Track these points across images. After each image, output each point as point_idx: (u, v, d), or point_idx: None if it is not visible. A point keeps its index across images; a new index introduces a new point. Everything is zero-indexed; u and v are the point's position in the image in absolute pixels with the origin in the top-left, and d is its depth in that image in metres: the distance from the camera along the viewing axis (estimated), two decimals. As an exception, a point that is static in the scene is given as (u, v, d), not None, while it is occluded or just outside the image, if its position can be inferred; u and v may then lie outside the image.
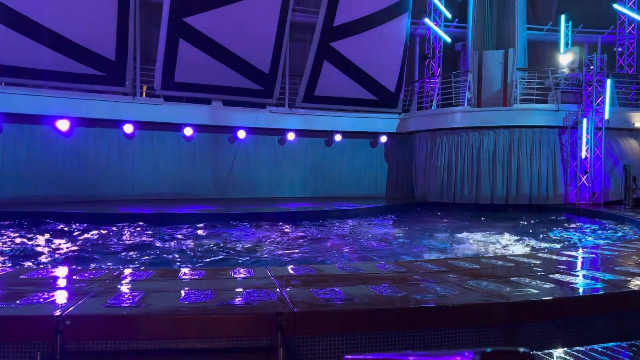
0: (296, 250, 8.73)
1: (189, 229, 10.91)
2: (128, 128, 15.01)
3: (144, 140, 15.64)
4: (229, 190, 16.65)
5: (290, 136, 17.17)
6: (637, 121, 16.07)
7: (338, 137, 17.70)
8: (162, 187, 15.72)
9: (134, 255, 7.95)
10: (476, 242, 9.84)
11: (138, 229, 10.83)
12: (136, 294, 3.74)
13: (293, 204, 15.20)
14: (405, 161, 18.74)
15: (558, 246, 9.38)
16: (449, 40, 19.08)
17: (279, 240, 9.94)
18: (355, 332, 3.32)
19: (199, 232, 10.72)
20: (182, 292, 3.83)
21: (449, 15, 19.10)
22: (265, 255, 8.22)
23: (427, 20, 18.97)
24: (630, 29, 18.83)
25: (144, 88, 16.14)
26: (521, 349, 1.17)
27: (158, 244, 8.95)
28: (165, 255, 8.00)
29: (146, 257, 7.82)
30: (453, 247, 9.42)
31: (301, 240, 9.84)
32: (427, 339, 3.44)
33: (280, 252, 8.61)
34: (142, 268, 6.58)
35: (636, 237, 9.84)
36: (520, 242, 9.68)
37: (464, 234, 10.69)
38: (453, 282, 4.31)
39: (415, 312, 3.51)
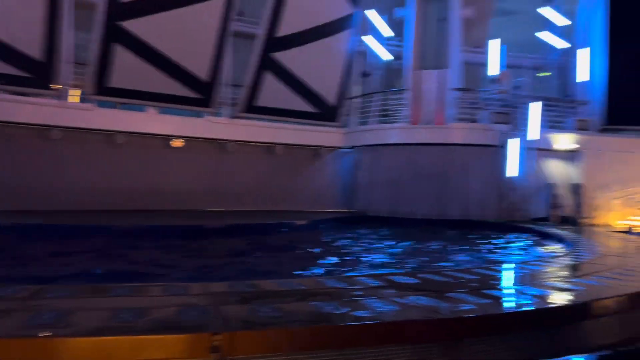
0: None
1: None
2: (55, 134, 14.18)
3: (73, 147, 14.79)
4: (162, 201, 15.97)
5: (230, 147, 16.85)
6: (561, 142, 17.04)
7: (279, 150, 17.57)
8: (89, 196, 14.84)
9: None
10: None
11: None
12: (59, 312, 3.43)
13: (225, 216, 14.89)
14: (345, 175, 18.84)
15: (491, 261, 9.68)
16: (388, 57, 19.51)
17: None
18: (296, 352, 3.19)
19: None
20: (109, 310, 3.56)
21: (389, 34, 19.57)
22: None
23: (367, 37, 19.33)
24: (555, 55, 20.11)
25: (76, 92, 15.37)
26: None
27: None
28: None
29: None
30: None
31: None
32: (368, 357, 3.36)
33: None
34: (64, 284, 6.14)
35: (561, 252, 10.30)
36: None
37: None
38: (393, 298, 4.28)
39: (356, 330, 3.42)
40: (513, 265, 8.14)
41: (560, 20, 19.70)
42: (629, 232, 14.17)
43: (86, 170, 14.93)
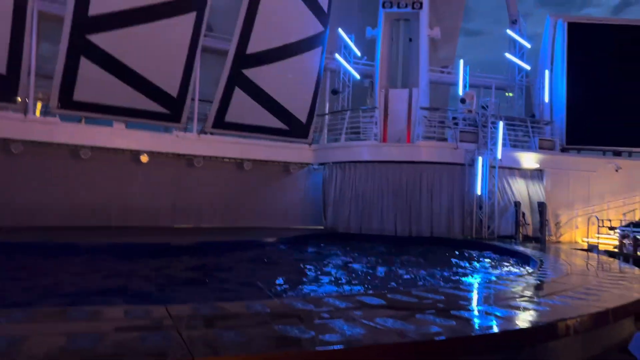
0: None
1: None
2: (16, 147, 13.76)
3: (36, 161, 14.33)
4: (128, 217, 15.63)
5: (198, 162, 16.65)
6: (526, 161, 17.44)
7: (248, 166, 17.45)
8: (52, 212, 14.39)
9: None
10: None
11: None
12: (10, 338, 3.26)
13: (192, 234, 14.63)
14: (315, 192, 18.82)
15: (461, 278, 9.74)
16: (357, 76, 19.73)
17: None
18: (260, 379, 3.11)
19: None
20: (65, 335, 3.40)
21: (359, 53, 19.83)
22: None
23: (337, 55, 19.52)
24: (520, 76, 20.68)
25: (39, 106, 14.98)
26: None
27: None
28: None
29: None
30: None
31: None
32: (335, 383, 3.30)
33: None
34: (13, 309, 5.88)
35: (527, 271, 10.46)
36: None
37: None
38: (361, 320, 4.23)
39: (324, 355, 3.36)
40: (479, 284, 8.21)
41: (524, 43, 20.35)
42: (592, 250, 14.52)
43: (50, 186, 14.51)
